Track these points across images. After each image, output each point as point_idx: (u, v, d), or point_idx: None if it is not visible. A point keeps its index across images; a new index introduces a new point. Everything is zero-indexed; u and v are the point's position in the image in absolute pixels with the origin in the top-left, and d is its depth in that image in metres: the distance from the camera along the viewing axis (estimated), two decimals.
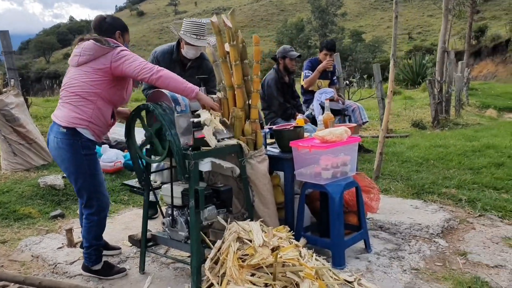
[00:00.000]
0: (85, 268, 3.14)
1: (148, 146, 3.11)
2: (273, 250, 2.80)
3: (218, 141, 3.10)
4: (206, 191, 2.90)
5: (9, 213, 4.32)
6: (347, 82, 8.99)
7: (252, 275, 2.77)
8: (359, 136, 6.89)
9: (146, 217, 3.27)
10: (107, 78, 2.91)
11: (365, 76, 16.08)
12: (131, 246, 3.59)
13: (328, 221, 3.29)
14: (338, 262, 3.21)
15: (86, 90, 2.89)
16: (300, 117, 5.02)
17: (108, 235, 3.64)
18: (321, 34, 56.71)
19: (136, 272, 3.24)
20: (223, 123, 3.22)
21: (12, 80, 5.60)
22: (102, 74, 2.89)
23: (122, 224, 4.17)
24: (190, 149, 2.88)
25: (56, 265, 3.34)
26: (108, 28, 3.07)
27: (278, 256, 2.73)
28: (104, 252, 3.32)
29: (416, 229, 3.84)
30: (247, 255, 2.83)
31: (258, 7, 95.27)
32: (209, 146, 2.98)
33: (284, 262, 2.77)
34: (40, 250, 3.60)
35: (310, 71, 6.02)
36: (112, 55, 2.87)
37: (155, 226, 3.93)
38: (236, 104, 3.24)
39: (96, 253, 3.10)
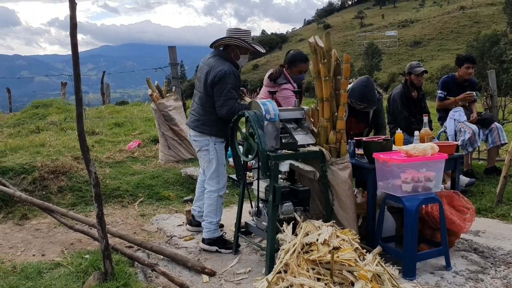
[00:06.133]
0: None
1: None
2: (335, 249, 3.09)
3: (303, 146, 3.52)
4: (283, 189, 3.33)
5: (153, 194, 5.35)
6: None
7: (313, 269, 3.11)
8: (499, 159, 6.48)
9: (241, 206, 3.83)
10: None
11: None
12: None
13: None
14: (408, 273, 3.32)
15: None
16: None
17: (223, 221, 4.33)
18: None
19: (230, 252, 3.82)
20: (311, 131, 3.63)
21: (174, 87, 6.76)
22: None
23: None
24: (274, 151, 3.35)
25: (171, 237, 4.13)
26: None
27: (335, 255, 3.03)
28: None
29: None
30: (313, 250, 3.18)
31: (449, 19, 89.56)
32: (293, 151, 3.42)
33: (341, 261, 3.05)
34: (165, 224, 4.45)
35: (443, 92, 5.90)
36: None
37: None
38: (324, 115, 3.59)
39: None
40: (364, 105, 4.24)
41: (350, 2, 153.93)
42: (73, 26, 2.82)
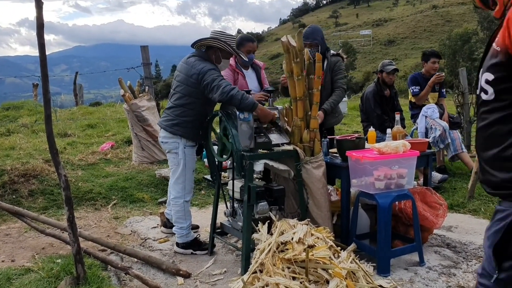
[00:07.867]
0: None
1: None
2: (309, 247, 3.10)
3: (277, 146, 3.51)
4: (258, 189, 3.31)
5: (127, 196, 5.28)
6: None
7: (289, 268, 3.11)
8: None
9: (216, 207, 3.80)
10: None
11: None
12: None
13: None
14: (382, 270, 3.34)
15: None
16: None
17: (199, 222, 4.38)
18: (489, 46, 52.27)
19: (206, 253, 3.79)
20: (285, 130, 3.63)
21: (147, 87, 6.68)
22: None
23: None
24: (248, 151, 3.33)
25: (146, 240, 4.08)
26: None
27: (310, 253, 3.03)
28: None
29: None
30: (288, 249, 3.18)
31: (422, 18, 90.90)
32: (268, 150, 3.41)
33: (316, 260, 3.05)
34: (139, 227, 4.39)
35: (416, 86, 5.99)
36: None
37: None
38: (298, 114, 3.59)
39: None
40: (307, 43, 4.27)
41: (324, 2, 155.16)
42: (40, 26, 2.76)
